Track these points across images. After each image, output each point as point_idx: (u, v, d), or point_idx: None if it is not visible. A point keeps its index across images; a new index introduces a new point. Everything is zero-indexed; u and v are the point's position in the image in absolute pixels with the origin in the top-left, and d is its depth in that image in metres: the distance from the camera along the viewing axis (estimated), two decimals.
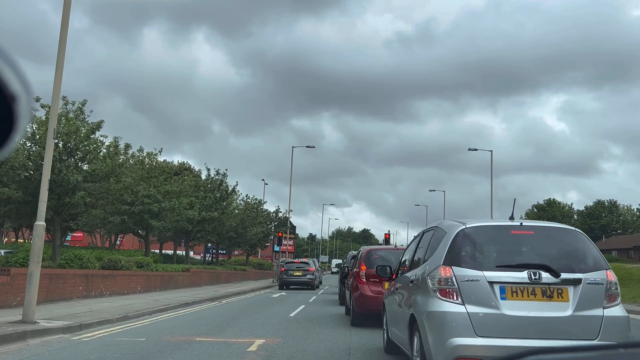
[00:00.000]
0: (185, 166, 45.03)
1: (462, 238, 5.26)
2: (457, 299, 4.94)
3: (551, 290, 4.94)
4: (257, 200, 43.26)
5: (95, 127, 18.21)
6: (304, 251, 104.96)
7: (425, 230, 6.69)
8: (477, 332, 4.81)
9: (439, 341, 4.91)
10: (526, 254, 5.38)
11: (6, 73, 0.93)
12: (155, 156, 25.81)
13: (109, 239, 45.30)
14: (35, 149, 16.92)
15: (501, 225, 5.53)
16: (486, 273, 4.97)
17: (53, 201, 16.75)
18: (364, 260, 11.92)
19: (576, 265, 5.13)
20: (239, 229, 37.00)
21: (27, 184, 16.47)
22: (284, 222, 46.25)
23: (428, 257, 5.64)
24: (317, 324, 11.57)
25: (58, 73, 9.77)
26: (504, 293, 4.91)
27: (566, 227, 5.69)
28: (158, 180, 24.30)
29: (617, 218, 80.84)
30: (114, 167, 19.30)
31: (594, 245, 5.48)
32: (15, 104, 0.96)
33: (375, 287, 11.05)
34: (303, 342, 8.69)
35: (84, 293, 15.56)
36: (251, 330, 10.05)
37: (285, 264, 30.60)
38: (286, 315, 13.37)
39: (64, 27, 9.80)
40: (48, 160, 9.66)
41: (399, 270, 7.39)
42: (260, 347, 7.94)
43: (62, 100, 17.74)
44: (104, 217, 25.25)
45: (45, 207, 9.55)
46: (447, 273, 5.04)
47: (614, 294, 5.11)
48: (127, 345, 7.97)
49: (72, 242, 52.11)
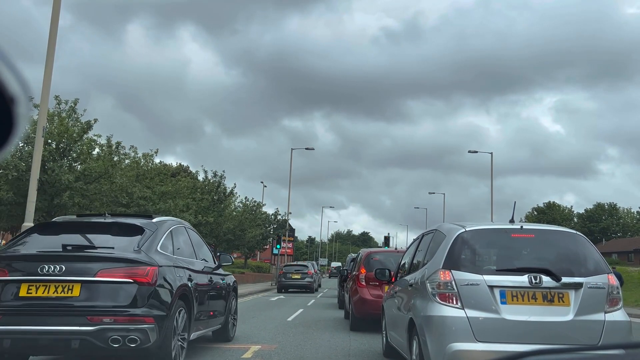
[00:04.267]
0: (183, 168, 44.94)
1: (462, 241, 5.18)
2: (457, 303, 4.86)
3: (552, 294, 4.87)
4: (255, 202, 43.22)
5: (87, 126, 18.08)
6: (303, 254, 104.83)
7: (425, 233, 6.61)
8: (477, 337, 4.74)
9: (438, 346, 4.84)
10: (527, 257, 5.31)
11: (5, 75, 0.94)
12: (152, 157, 25.70)
13: None
14: (28, 149, 16.80)
15: (501, 228, 5.46)
16: (486, 277, 4.90)
17: (45, 202, 16.61)
18: (363, 263, 11.81)
19: (577, 269, 5.06)
20: (237, 232, 36.90)
21: (19, 185, 16.33)
22: (283, 224, 46.18)
23: (427, 261, 5.56)
24: (316, 328, 11.45)
25: (47, 70, 9.68)
26: (504, 297, 4.84)
27: (567, 231, 5.61)
28: (154, 182, 24.16)
29: (617, 221, 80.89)
30: (107, 167, 19.14)
31: (595, 248, 5.40)
32: (14, 105, 0.97)
33: (374, 291, 10.93)
34: (300, 348, 8.57)
35: None
36: (247, 335, 9.93)
37: (284, 267, 30.51)
38: (284, 319, 13.25)
39: (54, 22, 9.70)
40: (37, 160, 9.55)
41: (398, 273, 7.30)
42: (256, 354, 7.81)
43: (55, 99, 17.66)
44: None
45: (34, 207, 9.42)
46: (446, 277, 4.96)
47: (616, 298, 5.04)
48: None
49: None
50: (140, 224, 6.27)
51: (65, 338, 5.34)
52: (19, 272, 5.50)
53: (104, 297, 5.43)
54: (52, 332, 5.33)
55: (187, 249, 7.13)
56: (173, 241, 6.62)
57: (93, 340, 5.27)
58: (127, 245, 5.85)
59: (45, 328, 5.32)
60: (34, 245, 5.96)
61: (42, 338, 5.41)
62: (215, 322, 7.99)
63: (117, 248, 5.78)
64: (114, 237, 6.04)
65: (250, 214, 40.54)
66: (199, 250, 7.65)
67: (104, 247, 5.82)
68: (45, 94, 9.76)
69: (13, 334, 5.35)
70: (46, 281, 5.39)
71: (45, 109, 10.15)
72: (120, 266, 5.54)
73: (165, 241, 6.35)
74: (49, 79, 9.70)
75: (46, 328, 5.31)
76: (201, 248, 7.89)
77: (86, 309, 5.35)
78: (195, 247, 7.55)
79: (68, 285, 5.40)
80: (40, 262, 5.46)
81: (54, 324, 5.31)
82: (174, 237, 6.72)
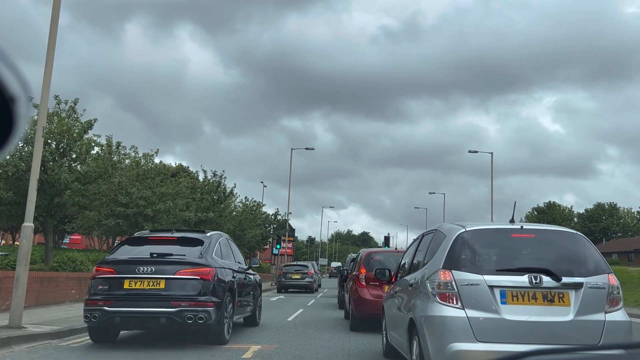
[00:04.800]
0: (183, 168, 44.92)
1: (462, 241, 5.17)
2: (457, 303, 4.85)
3: (552, 294, 4.86)
4: (255, 202, 43.17)
5: (87, 126, 18.06)
6: (303, 254, 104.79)
7: (425, 233, 6.60)
8: (477, 337, 4.73)
9: (439, 346, 4.83)
10: (527, 257, 5.31)
11: (6, 74, 0.94)
12: (152, 157, 25.66)
13: (106, 242, 45.18)
14: (28, 149, 16.78)
15: (501, 228, 5.45)
16: (486, 277, 4.89)
17: (45, 202, 16.59)
18: (363, 263, 11.79)
19: (577, 269, 5.05)
20: (237, 232, 36.88)
21: (19, 185, 16.31)
22: (283, 224, 46.16)
23: (427, 261, 5.55)
24: (316, 328, 11.44)
25: (47, 70, 9.64)
26: (504, 297, 4.83)
27: (567, 230, 5.60)
28: (154, 182, 24.13)
29: (617, 221, 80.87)
30: (106, 167, 19.12)
31: (596, 248, 5.40)
32: (14, 105, 0.97)
33: (375, 291, 10.91)
34: (300, 348, 8.56)
35: (77, 297, 15.34)
36: (247, 335, 9.91)
37: (284, 267, 30.49)
38: (284, 319, 13.23)
39: (53, 22, 9.68)
40: (37, 159, 9.52)
41: (398, 273, 7.28)
42: (256, 354, 7.79)
43: (55, 99, 17.63)
44: (98, 219, 25.09)
45: (34, 207, 9.39)
46: (446, 277, 4.96)
47: (616, 298, 5.03)
48: (117, 352, 7.84)
49: (70, 245, 51.98)
50: (200, 237, 8.85)
51: (156, 316, 7.79)
52: (122, 272, 8.02)
53: (181, 289, 7.86)
54: (148, 312, 7.81)
55: (229, 254, 9.63)
56: (221, 249, 9.13)
57: (175, 317, 7.72)
58: (193, 253, 8.34)
59: (143, 309, 7.80)
60: (128, 253, 8.45)
61: (140, 316, 7.87)
62: (247, 310, 10.41)
63: (187, 255, 8.27)
64: (183, 247, 8.52)
65: (250, 214, 40.50)
66: (236, 255, 10.21)
67: (178, 255, 8.28)
68: (45, 93, 9.73)
69: (121, 313, 7.85)
70: (141, 278, 7.89)
71: (45, 108, 10.13)
72: (191, 268, 7.99)
73: (216, 249, 8.83)
74: (48, 78, 9.67)
75: (144, 309, 7.80)
76: (237, 253, 10.42)
77: (169, 297, 7.77)
78: (234, 253, 10.11)
79: (156, 280, 7.86)
80: (136, 265, 7.99)
81: (148, 307, 7.79)
82: (221, 246, 9.25)
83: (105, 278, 8.05)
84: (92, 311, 7.90)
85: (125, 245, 8.87)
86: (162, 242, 8.70)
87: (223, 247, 9.32)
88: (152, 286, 7.82)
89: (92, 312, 7.89)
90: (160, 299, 7.75)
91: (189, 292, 7.82)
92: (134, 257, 8.16)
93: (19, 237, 13.22)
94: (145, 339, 9.19)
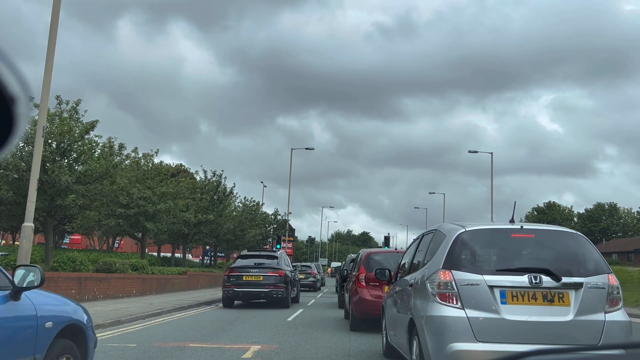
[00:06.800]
0: (182, 168, 44.88)
1: (462, 241, 5.17)
2: (457, 303, 4.85)
3: (552, 294, 4.86)
4: (255, 202, 43.16)
5: (89, 127, 18.05)
6: (303, 254, 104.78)
7: (425, 233, 6.60)
8: (477, 337, 4.73)
9: (439, 346, 4.83)
10: (527, 257, 5.30)
11: (6, 75, 0.94)
12: (152, 157, 25.66)
13: (106, 242, 45.14)
14: (28, 149, 16.77)
15: (501, 228, 5.45)
16: (486, 277, 4.89)
17: (45, 202, 16.58)
18: (363, 263, 11.78)
19: (577, 269, 5.05)
20: (236, 231, 36.87)
21: (19, 185, 16.31)
22: (283, 224, 46.14)
23: (427, 261, 5.55)
24: (316, 328, 11.44)
25: (47, 70, 9.66)
26: (504, 297, 4.83)
27: (567, 230, 5.59)
28: (154, 182, 24.13)
29: (617, 221, 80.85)
30: (108, 167, 19.12)
31: (596, 248, 5.39)
32: (14, 105, 0.97)
33: (375, 291, 10.90)
34: (300, 348, 8.56)
35: (77, 297, 15.30)
36: (247, 335, 9.91)
37: None
38: (284, 319, 13.24)
39: (53, 22, 9.69)
40: (37, 160, 9.53)
41: (398, 273, 7.28)
42: (256, 354, 7.79)
43: (56, 99, 17.62)
44: (98, 219, 25.07)
45: (34, 207, 9.42)
46: (446, 277, 4.95)
47: (616, 298, 5.03)
48: (117, 352, 7.79)
49: (70, 245, 51.96)
50: (275, 255, 18.25)
51: (260, 294, 16.55)
52: (241, 272, 16.75)
53: (269, 280, 16.53)
54: (255, 291, 16.58)
55: (287, 263, 18.61)
56: (284, 259, 18.16)
57: (267, 293, 16.44)
58: (273, 263, 17.26)
59: (252, 290, 16.55)
60: (242, 263, 17.50)
61: (251, 293, 16.57)
62: (294, 293, 18.60)
63: (271, 263, 17.15)
64: (268, 260, 17.48)
65: (250, 214, 40.49)
66: (288, 262, 19.11)
67: (267, 263, 17.21)
68: (45, 93, 9.74)
69: (242, 292, 16.64)
70: (251, 274, 16.63)
71: (45, 108, 10.14)
72: (273, 271, 16.74)
73: (280, 259, 17.62)
74: (49, 78, 9.68)
75: (252, 290, 16.55)
76: (289, 262, 19.31)
77: (264, 284, 16.50)
78: (287, 262, 18.70)
79: (258, 276, 16.69)
80: (248, 268, 16.84)
81: (255, 289, 16.55)
82: (284, 259, 18.31)
83: (233, 275, 16.61)
84: (228, 290, 16.55)
85: (239, 259, 18.30)
86: (257, 257, 17.86)
87: (285, 260, 18.21)
88: (256, 279, 16.52)
89: (228, 290, 16.54)
90: (260, 285, 16.42)
91: (273, 282, 16.43)
92: (246, 265, 17.09)
93: (19, 237, 13.20)
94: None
